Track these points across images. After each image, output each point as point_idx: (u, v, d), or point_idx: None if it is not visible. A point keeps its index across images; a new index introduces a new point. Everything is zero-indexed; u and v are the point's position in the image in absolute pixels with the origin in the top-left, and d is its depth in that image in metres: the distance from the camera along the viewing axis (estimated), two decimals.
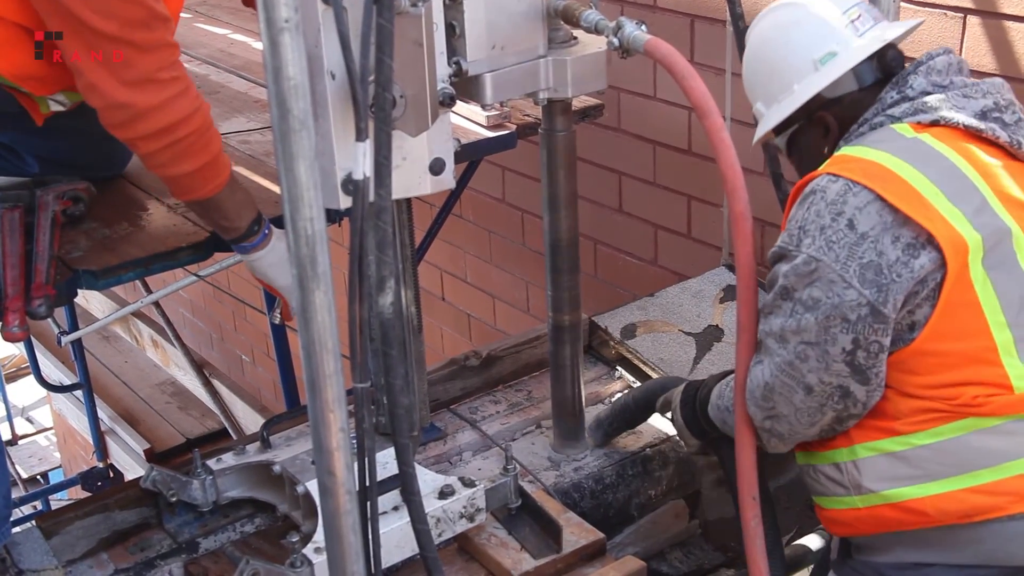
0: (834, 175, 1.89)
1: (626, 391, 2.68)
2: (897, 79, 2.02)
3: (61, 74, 2.31)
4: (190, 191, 2.35)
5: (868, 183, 1.84)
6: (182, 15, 4.33)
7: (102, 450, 5.04)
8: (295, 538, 2.07)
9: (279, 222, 2.50)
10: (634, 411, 2.65)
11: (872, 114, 2.01)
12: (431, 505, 2.18)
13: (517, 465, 2.37)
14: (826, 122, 2.07)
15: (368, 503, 1.74)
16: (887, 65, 2.06)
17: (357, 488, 1.59)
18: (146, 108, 2.19)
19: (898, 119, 1.97)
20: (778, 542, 2.25)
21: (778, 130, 2.15)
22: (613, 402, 2.72)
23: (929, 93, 1.98)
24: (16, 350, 9.17)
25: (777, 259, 1.95)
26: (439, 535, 2.21)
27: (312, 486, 2.24)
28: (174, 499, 2.38)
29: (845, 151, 1.98)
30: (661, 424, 2.74)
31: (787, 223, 1.95)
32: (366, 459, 1.72)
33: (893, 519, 1.90)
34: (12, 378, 9.88)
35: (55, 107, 2.49)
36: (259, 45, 1.89)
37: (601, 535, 2.32)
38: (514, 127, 3.03)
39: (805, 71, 2.06)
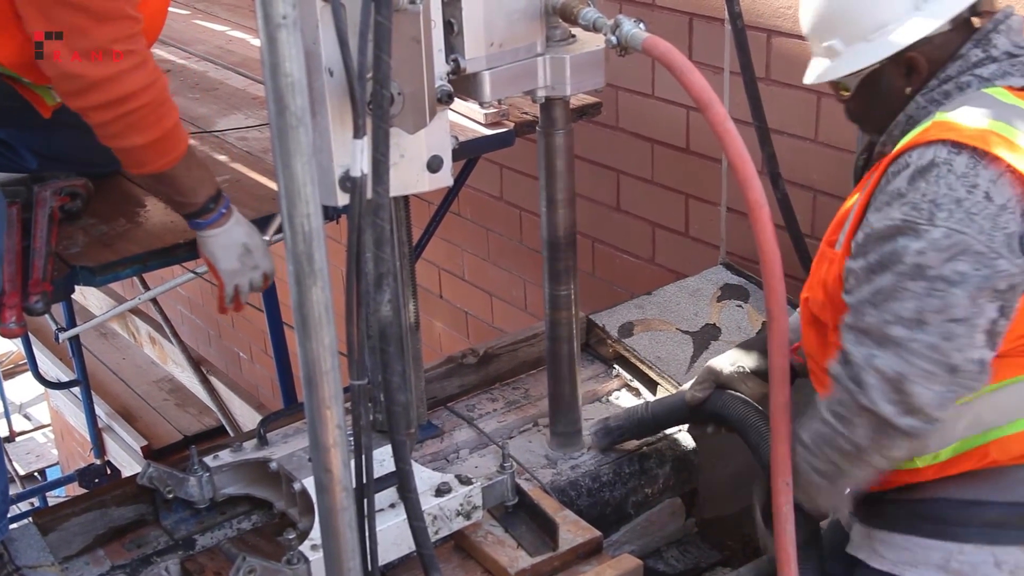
0: (954, 145, 1.81)
1: (643, 404, 2.66)
2: (979, 36, 1.93)
3: None
4: (141, 164, 2.31)
5: (995, 153, 1.79)
6: (180, 11, 4.35)
7: (99, 447, 5.03)
8: (292, 535, 2.07)
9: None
10: (651, 425, 2.63)
11: (956, 71, 1.93)
12: (428, 503, 2.18)
13: (514, 463, 2.37)
14: (915, 64, 1.95)
15: (365, 500, 1.74)
16: (973, 4, 1.95)
17: (354, 485, 1.59)
18: (98, 79, 2.16)
19: (988, 81, 1.91)
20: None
21: (848, 76, 2.02)
22: (627, 412, 2.68)
23: (1013, 55, 1.92)
24: (14, 346, 9.16)
25: (893, 235, 1.82)
26: (436, 532, 2.21)
27: (309, 483, 2.24)
28: (171, 496, 2.38)
29: (947, 118, 1.88)
30: None
31: (896, 199, 1.84)
32: (363, 456, 1.72)
33: (965, 462, 1.92)
34: (9, 375, 9.87)
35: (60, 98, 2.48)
36: (257, 42, 1.89)
37: (598, 533, 2.32)
38: (512, 125, 3.03)
39: (903, 10, 1.93)
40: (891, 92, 2.00)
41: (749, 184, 1.84)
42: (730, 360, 2.46)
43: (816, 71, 2.08)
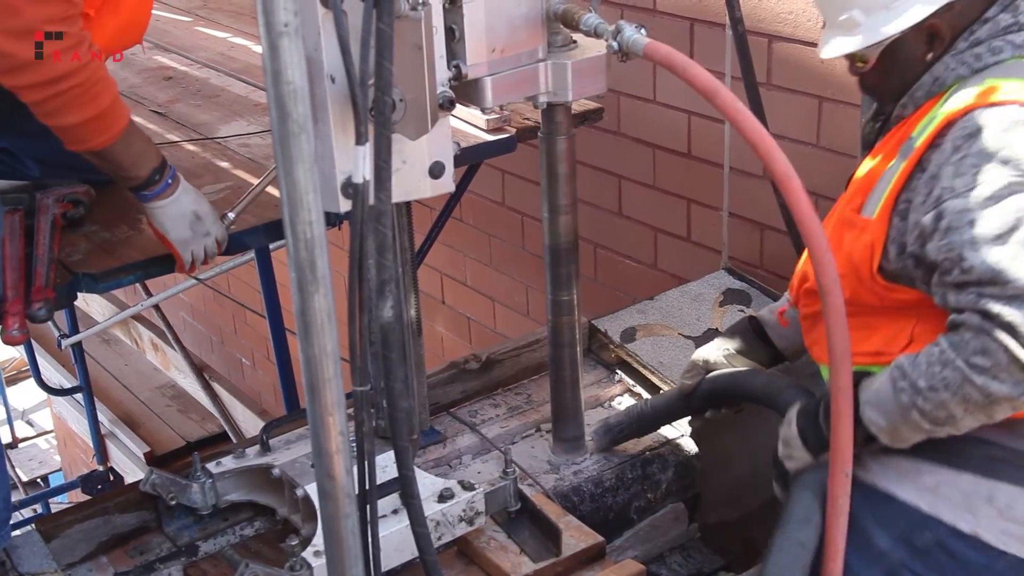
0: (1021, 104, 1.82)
1: (642, 401, 2.67)
2: (1005, 0, 1.93)
3: None
4: (79, 142, 2.31)
5: None
6: (182, 18, 4.36)
7: (102, 453, 5.04)
8: (294, 541, 2.07)
9: (278, 226, 2.50)
10: (651, 421, 2.64)
11: (987, 34, 1.92)
12: (431, 508, 2.18)
13: (517, 468, 2.37)
14: (937, 30, 1.94)
15: (368, 506, 1.74)
16: None
17: (357, 491, 1.59)
18: (28, 60, 2.15)
19: (1021, 48, 1.91)
20: None
21: (868, 48, 2.00)
22: (627, 410, 2.69)
23: None
24: (16, 353, 9.17)
25: (1005, 195, 1.78)
26: (439, 538, 2.21)
27: (312, 489, 2.24)
28: (173, 502, 2.38)
29: (993, 82, 1.87)
30: (661, 428, 2.74)
31: (985, 160, 1.80)
32: (366, 463, 1.72)
33: None
34: (12, 381, 9.88)
35: None
36: (259, 48, 1.89)
37: (600, 538, 2.32)
38: (514, 131, 3.04)
39: None
40: (912, 61, 1.98)
41: (773, 156, 1.77)
42: (717, 348, 2.47)
43: (835, 45, 2.04)
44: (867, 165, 2.06)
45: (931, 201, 1.85)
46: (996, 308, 1.74)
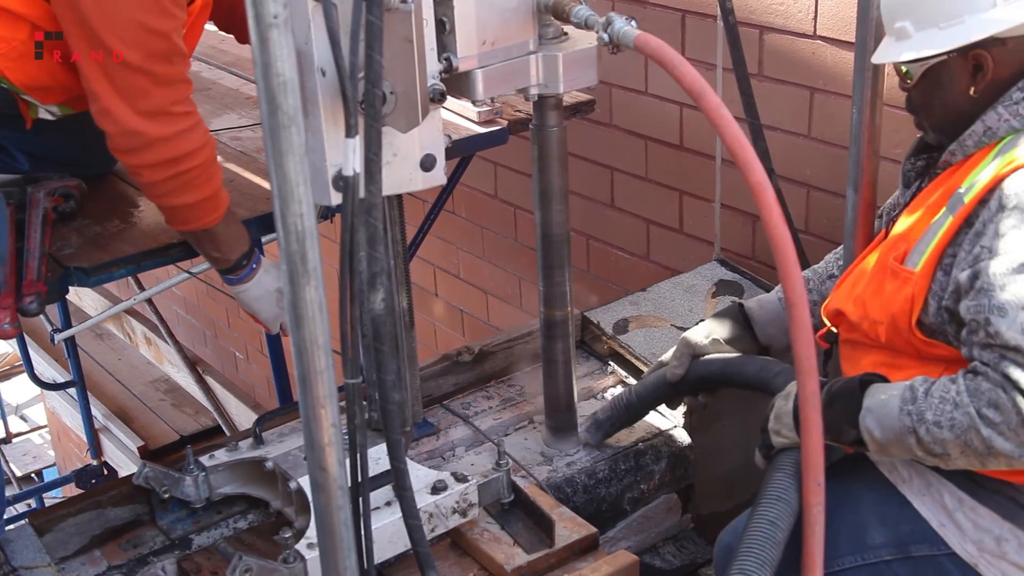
0: None
1: (626, 390, 2.67)
2: None
3: (68, 86, 2.37)
4: (187, 222, 2.41)
5: None
6: None
7: (96, 448, 5.03)
8: (288, 534, 2.07)
9: (270, 219, 2.50)
10: (639, 408, 2.63)
11: None
12: (424, 500, 2.19)
13: (510, 460, 2.37)
14: (983, 63, 1.91)
15: (360, 498, 1.75)
16: None
17: (349, 484, 1.59)
18: (157, 138, 2.25)
19: None
20: None
21: (911, 62, 1.98)
22: (612, 401, 2.69)
23: None
24: (9, 348, 9.16)
25: None
26: (432, 530, 2.22)
27: (304, 482, 2.24)
28: (167, 496, 2.39)
29: None
30: (654, 418, 2.74)
31: (1004, 222, 1.80)
32: (358, 455, 1.72)
33: None
34: (5, 376, 9.88)
35: (43, 115, 2.53)
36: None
37: (594, 529, 2.33)
38: (505, 123, 3.04)
39: (984, 4, 1.87)
40: (954, 89, 1.96)
41: (750, 167, 1.76)
42: (704, 332, 2.47)
43: (883, 51, 2.02)
44: (912, 216, 2.02)
45: (971, 259, 1.85)
46: (1016, 374, 1.75)
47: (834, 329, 2.17)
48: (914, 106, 2.06)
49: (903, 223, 2.04)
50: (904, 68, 2.01)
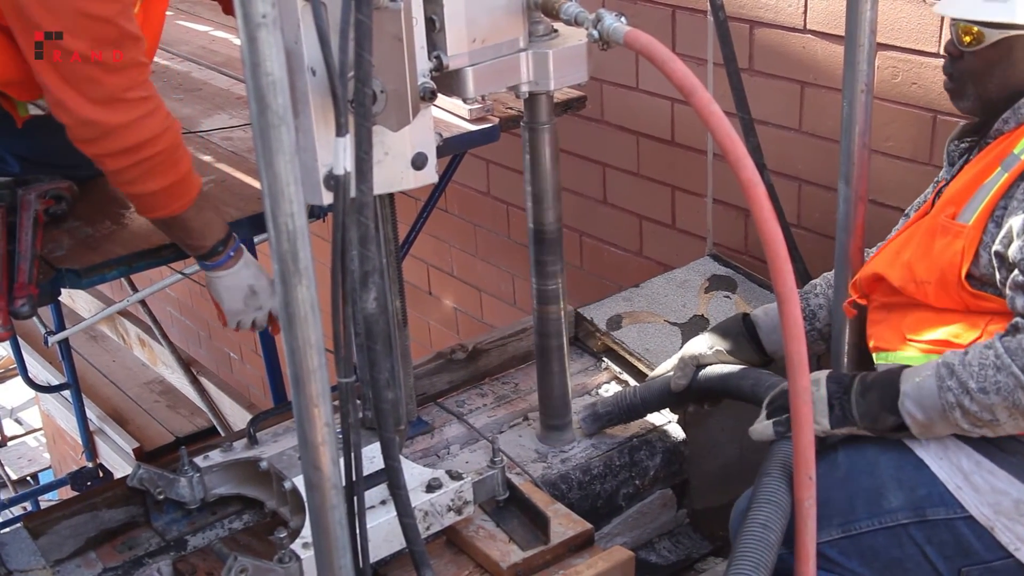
0: None
1: (631, 390, 2.68)
2: None
3: None
4: (155, 209, 2.36)
5: None
6: None
7: (91, 450, 5.02)
8: (283, 534, 2.07)
9: (262, 219, 2.50)
10: (641, 411, 2.66)
11: None
12: (419, 499, 2.19)
13: (504, 457, 2.38)
14: None
15: (355, 497, 1.75)
16: None
17: (344, 483, 1.59)
18: (114, 126, 2.20)
19: None
20: None
21: (994, 25, 1.94)
22: (615, 398, 2.70)
23: None
24: (3, 351, 9.13)
25: None
26: (427, 528, 2.22)
27: (299, 481, 2.24)
28: (161, 497, 2.38)
29: None
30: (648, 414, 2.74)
31: None
32: (352, 454, 1.72)
33: None
34: None
35: (34, 111, 2.51)
36: (239, 41, 1.89)
37: (589, 526, 2.33)
38: (497, 120, 3.03)
39: None
40: (1020, 67, 1.95)
41: (741, 164, 1.75)
42: (707, 344, 2.50)
43: (970, 6, 1.97)
44: (961, 180, 2.04)
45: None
46: None
47: (860, 301, 2.19)
48: (962, 74, 2.04)
49: (951, 188, 2.07)
50: (977, 29, 1.96)
